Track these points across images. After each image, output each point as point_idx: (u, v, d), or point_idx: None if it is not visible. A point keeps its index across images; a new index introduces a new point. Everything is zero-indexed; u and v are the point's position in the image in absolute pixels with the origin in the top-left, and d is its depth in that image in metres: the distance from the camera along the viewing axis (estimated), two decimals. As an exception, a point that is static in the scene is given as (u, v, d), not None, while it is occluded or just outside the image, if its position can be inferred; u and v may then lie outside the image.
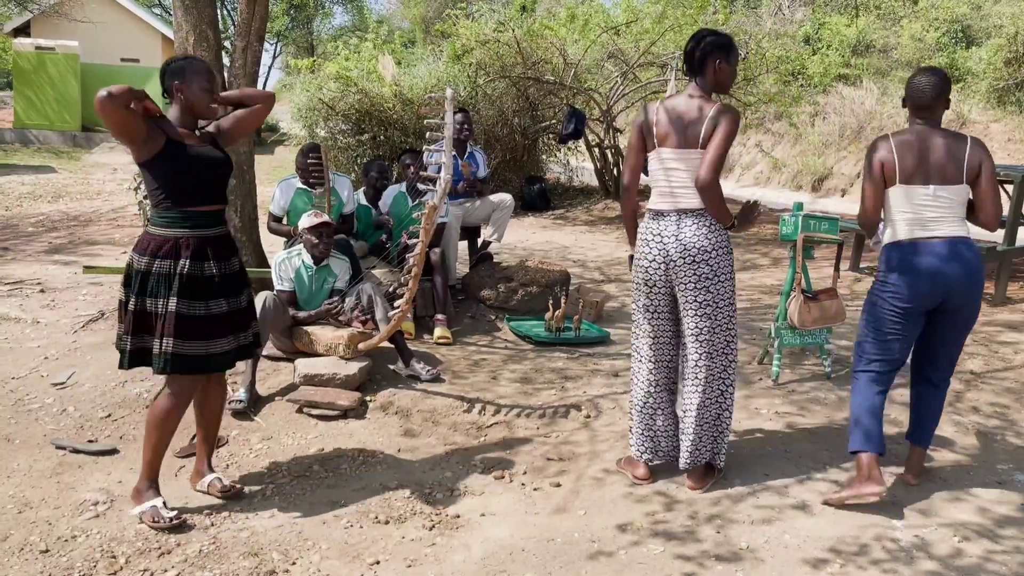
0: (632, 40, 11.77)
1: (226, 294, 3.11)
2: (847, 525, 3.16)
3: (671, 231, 3.29)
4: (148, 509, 3.04)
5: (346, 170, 10.43)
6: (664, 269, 3.33)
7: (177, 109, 3.07)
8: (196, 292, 3.00)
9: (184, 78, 3.04)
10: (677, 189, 3.30)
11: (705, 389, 3.35)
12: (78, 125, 18.31)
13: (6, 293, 5.78)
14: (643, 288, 3.42)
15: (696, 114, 3.26)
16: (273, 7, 26.55)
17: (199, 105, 3.06)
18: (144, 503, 3.06)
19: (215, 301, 3.06)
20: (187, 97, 3.04)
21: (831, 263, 5.56)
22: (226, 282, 3.11)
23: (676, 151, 3.26)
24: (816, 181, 16.72)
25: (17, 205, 10.21)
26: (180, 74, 3.04)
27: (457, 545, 3.00)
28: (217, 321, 3.07)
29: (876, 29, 19.99)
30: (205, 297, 3.03)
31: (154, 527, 2.99)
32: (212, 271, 3.05)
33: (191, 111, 3.07)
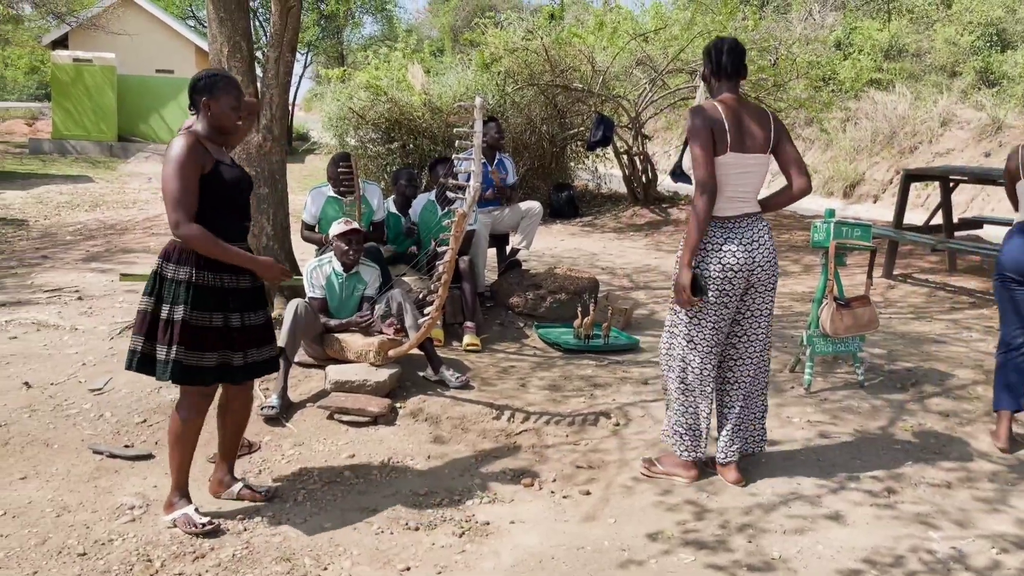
0: (661, 47, 11.75)
1: (241, 308, 3.09)
2: (881, 535, 3.12)
3: (755, 236, 3.35)
4: (180, 516, 3.07)
5: (376, 178, 10.51)
6: (747, 274, 3.34)
7: (204, 124, 3.08)
8: (209, 303, 3.00)
9: (213, 94, 3.05)
10: (750, 194, 3.38)
11: (754, 383, 3.54)
12: (114, 135, 18.66)
13: (45, 300, 5.90)
14: (722, 295, 3.34)
15: (760, 118, 3.36)
16: (304, 18, 26.86)
17: (226, 122, 3.08)
18: (176, 511, 3.09)
19: (231, 314, 3.05)
20: (215, 114, 3.06)
21: (864, 270, 5.50)
22: (243, 297, 3.10)
23: (754, 156, 3.33)
24: (848, 187, 16.54)
25: (56, 214, 10.42)
26: (210, 90, 3.06)
27: (487, 552, 3.01)
28: (228, 334, 3.05)
29: (909, 33, 19.76)
30: (219, 309, 3.02)
31: (188, 533, 3.03)
32: (230, 284, 3.05)
33: (218, 127, 3.09)
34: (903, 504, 3.36)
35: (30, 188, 12.66)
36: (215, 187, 2.99)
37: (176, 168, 2.90)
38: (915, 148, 16.15)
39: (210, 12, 5.26)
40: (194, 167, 2.93)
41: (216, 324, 3.02)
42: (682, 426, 3.50)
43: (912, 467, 3.69)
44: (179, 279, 2.97)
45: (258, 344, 3.17)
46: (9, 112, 27.29)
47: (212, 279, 3.00)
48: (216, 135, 3.10)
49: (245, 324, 3.11)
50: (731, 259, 3.29)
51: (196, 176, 2.93)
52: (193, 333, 2.97)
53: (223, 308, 3.03)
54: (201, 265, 2.98)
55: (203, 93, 3.06)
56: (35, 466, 3.54)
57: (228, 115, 3.07)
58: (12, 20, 20.99)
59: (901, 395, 4.58)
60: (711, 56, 3.37)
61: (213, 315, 3.01)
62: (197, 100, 3.08)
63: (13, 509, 3.17)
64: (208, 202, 2.98)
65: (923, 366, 5.00)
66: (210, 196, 2.98)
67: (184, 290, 2.96)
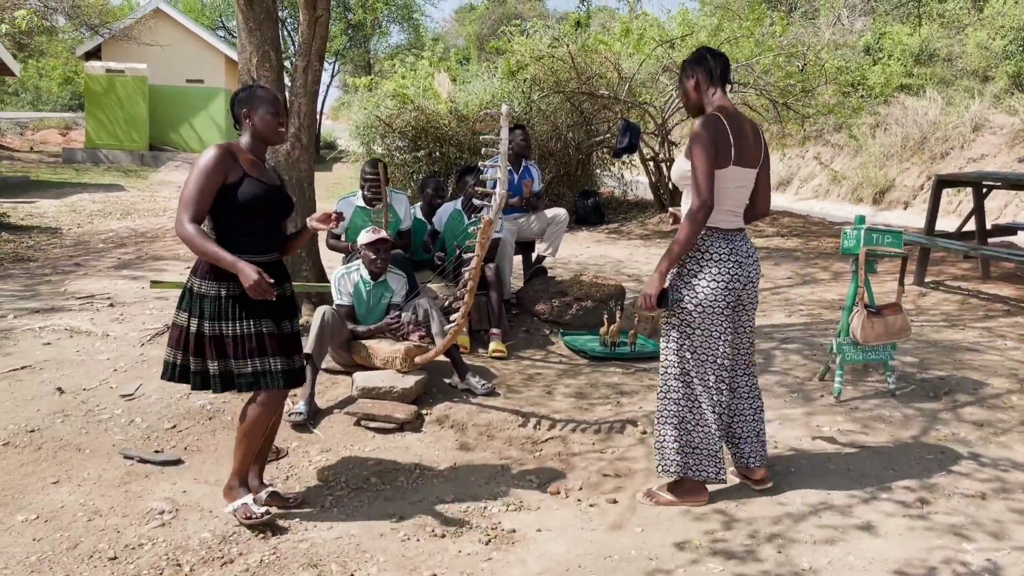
0: (687, 53, 11.70)
1: (275, 317, 3.15)
2: (914, 547, 3.06)
3: (749, 251, 3.33)
4: (240, 506, 3.15)
5: (402, 186, 10.57)
6: (742, 288, 3.32)
7: (248, 136, 3.16)
8: (249, 312, 3.06)
9: (251, 105, 3.13)
10: (742, 208, 3.35)
11: (759, 394, 3.57)
12: (145, 145, 18.95)
13: (78, 307, 5.99)
14: (728, 310, 3.29)
15: (755, 131, 3.32)
16: (332, 27, 27.12)
17: (267, 131, 3.15)
18: (236, 500, 3.18)
19: (264, 321, 3.10)
20: (255, 123, 3.13)
21: (895, 277, 5.43)
22: (275, 305, 3.14)
23: (751, 170, 3.29)
24: (877, 193, 16.36)
25: (88, 222, 10.59)
26: (248, 102, 3.14)
27: (513, 560, 3.00)
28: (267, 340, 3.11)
29: (940, 38, 19.53)
30: (257, 316, 3.08)
31: (246, 523, 3.10)
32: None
33: (260, 137, 3.16)
34: (936, 515, 3.31)
35: (64, 197, 12.88)
36: (235, 198, 3.03)
37: (198, 173, 2.99)
38: (946, 154, 15.94)
39: (239, 22, 5.33)
40: (216, 175, 3.00)
41: (259, 330, 3.09)
42: (700, 451, 3.36)
43: (945, 477, 3.63)
44: (223, 295, 3.04)
45: (289, 353, 3.22)
46: (44, 122, 27.78)
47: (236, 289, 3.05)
48: (259, 145, 3.17)
49: (281, 332, 3.17)
50: (737, 270, 3.26)
51: (216, 184, 3.00)
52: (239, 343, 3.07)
53: (261, 315, 3.09)
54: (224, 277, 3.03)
55: (243, 105, 3.14)
56: (67, 470, 3.59)
57: (268, 122, 3.13)
58: (47, 32, 21.41)
59: (934, 404, 4.51)
60: (705, 64, 3.27)
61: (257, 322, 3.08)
62: (239, 113, 3.16)
63: (46, 513, 3.21)
64: (227, 211, 3.05)
65: (956, 375, 4.92)
66: (229, 206, 3.04)
67: (233, 305, 3.04)
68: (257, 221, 3.11)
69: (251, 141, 3.16)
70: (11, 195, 12.66)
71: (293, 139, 5.37)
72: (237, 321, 3.05)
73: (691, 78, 3.30)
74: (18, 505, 3.26)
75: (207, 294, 3.04)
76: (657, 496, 3.42)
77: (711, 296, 3.26)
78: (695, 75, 3.29)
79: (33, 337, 5.22)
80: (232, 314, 3.05)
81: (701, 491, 3.41)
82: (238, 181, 3.04)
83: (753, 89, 11.46)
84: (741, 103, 11.96)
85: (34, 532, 3.07)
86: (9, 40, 18.47)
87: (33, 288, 6.63)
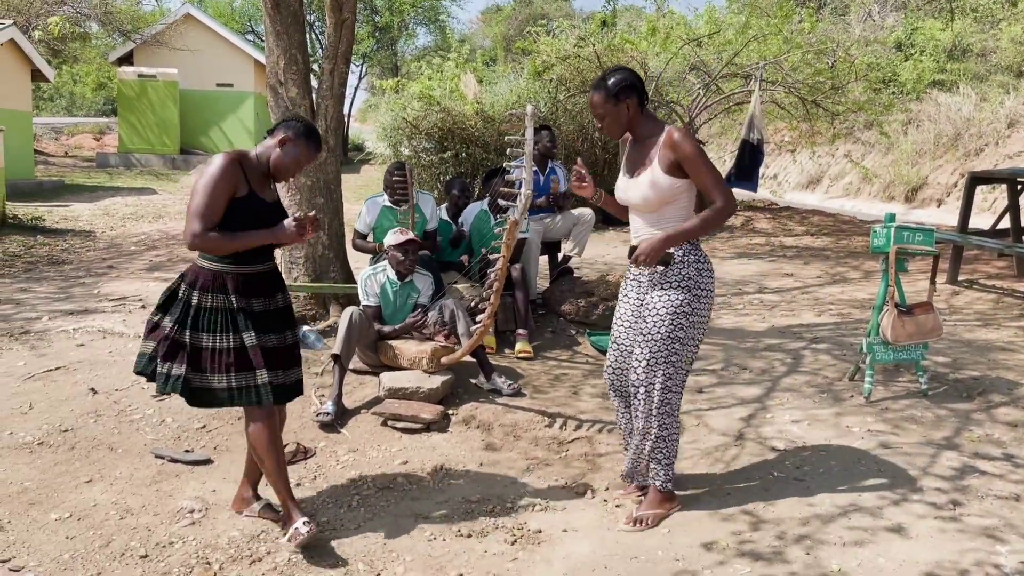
0: (715, 51, 11.64)
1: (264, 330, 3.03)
2: (946, 549, 3.02)
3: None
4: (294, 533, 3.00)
5: (429, 187, 10.61)
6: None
7: (269, 153, 3.04)
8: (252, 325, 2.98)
9: (296, 140, 3.02)
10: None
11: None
12: (177, 148, 19.20)
13: (111, 309, 6.08)
14: (708, 316, 3.23)
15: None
16: (358, 30, 27.30)
17: (285, 167, 3.04)
18: (289, 527, 3.04)
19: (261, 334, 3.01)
20: (284, 153, 3.02)
21: (926, 276, 5.35)
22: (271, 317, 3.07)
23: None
24: (909, 191, 16.15)
25: (121, 225, 10.75)
26: (295, 135, 3.03)
27: (539, 560, 3.00)
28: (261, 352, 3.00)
29: (973, 32, 19.22)
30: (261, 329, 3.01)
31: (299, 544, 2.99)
32: (258, 307, 3.03)
33: (277, 165, 3.03)
34: (969, 517, 3.25)
35: (97, 200, 13.09)
36: (241, 215, 2.94)
37: (208, 182, 2.87)
38: (980, 150, 15.69)
39: (267, 26, 5.39)
40: (226, 186, 2.89)
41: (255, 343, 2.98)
42: (672, 456, 3.27)
43: (978, 479, 3.57)
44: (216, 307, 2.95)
45: (285, 366, 3.11)
46: (78, 127, 28.25)
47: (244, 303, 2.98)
48: (268, 167, 3.05)
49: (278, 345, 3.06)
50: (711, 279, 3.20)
51: (226, 195, 2.90)
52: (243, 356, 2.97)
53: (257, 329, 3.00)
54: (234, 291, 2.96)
55: (290, 131, 3.03)
56: (100, 469, 3.65)
57: (293, 162, 3.04)
58: (80, 38, 21.77)
59: (967, 404, 4.44)
60: (632, 87, 3.14)
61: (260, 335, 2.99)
62: (282, 129, 3.05)
63: (79, 511, 3.27)
64: (227, 224, 2.92)
65: (990, 375, 4.84)
66: (230, 219, 2.92)
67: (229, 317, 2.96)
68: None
69: (266, 160, 3.04)
70: (46, 199, 12.89)
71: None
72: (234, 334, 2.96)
73: (624, 106, 3.15)
74: (52, 503, 3.32)
75: (204, 306, 2.95)
76: (646, 518, 3.23)
77: (703, 308, 3.17)
78: (628, 100, 3.15)
79: (67, 338, 5.31)
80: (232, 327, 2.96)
81: (674, 496, 3.33)
82: (245, 197, 2.95)
83: (782, 87, 11.35)
84: (770, 100, 11.87)
85: (67, 530, 3.12)
86: (44, 47, 18.82)
87: (67, 290, 6.74)
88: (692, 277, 3.14)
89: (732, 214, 3.16)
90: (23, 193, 13.00)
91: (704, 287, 3.16)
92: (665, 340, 3.14)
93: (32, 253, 8.41)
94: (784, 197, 16.89)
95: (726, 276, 8.19)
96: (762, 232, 11.06)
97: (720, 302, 7.04)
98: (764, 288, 7.63)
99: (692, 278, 3.14)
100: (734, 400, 4.58)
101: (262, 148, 3.08)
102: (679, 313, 3.12)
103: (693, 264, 3.15)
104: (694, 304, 3.14)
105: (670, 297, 3.13)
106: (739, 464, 3.77)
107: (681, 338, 3.15)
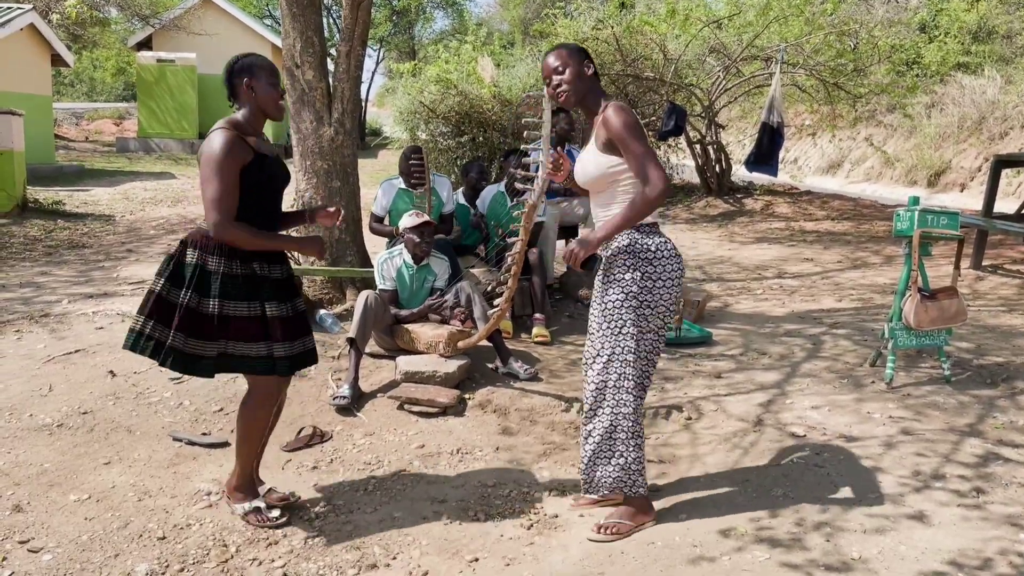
0: (735, 33, 11.49)
1: (278, 299, 2.97)
2: (969, 537, 2.97)
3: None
4: (251, 511, 3.06)
5: (446, 171, 10.58)
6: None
7: (247, 111, 2.94)
8: (249, 292, 2.90)
9: (253, 74, 2.91)
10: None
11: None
12: (195, 133, 19.28)
13: (130, 292, 6.11)
14: (669, 305, 3.02)
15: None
16: (376, 13, 27.25)
17: (269, 103, 2.93)
18: (245, 503, 3.07)
19: (270, 304, 2.94)
20: (258, 95, 2.91)
21: (950, 261, 5.28)
22: (277, 286, 2.99)
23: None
24: (932, 175, 15.93)
25: (140, 209, 10.81)
26: (249, 70, 2.91)
27: (555, 545, 2.98)
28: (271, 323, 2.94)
29: (999, 14, 18.87)
30: (260, 298, 2.92)
31: (259, 527, 3.02)
32: (265, 272, 2.95)
33: (262, 110, 2.94)
34: (992, 505, 3.20)
35: (117, 185, 13.17)
36: (252, 181, 2.88)
37: (216, 167, 2.79)
38: (1006, 134, 15.44)
39: (283, 8, 5.36)
40: (234, 164, 2.81)
41: (261, 313, 2.92)
42: (641, 461, 3.06)
43: (1003, 466, 3.52)
44: (211, 269, 2.86)
45: (294, 336, 3.03)
46: (98, 112, 28.45)
47: (248, 268, 2.90)
48: (258, 119, 2.96)
49: (283, 314, 2.99)
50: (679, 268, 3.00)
51: (236, 173, 2.82)
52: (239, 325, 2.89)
53: (266, 298, 2.93)
54: (238, 256, 2.88)
55: (243, 74, 2.92)
56: (118, 452, 3.66)
57: (270, 93, 2.92)
58: (100, 23, 21.85)
59: (991, 391, 4.37)
60: (589, 55, 3.02)
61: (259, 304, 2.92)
62: (237, 84, 2.93)
63: (97, 493, 3.28)
64: (243, 195, 2.86)
65: (1015, 361, 4.76)
66: (245, 189, 2.86)
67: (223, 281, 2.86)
68: (264, 199, 2.96)
69: (251, 115, 2.94)
70: (67, 183, 12.98)
71: (337, 124, 5.40)
72: (247, 302, 2.89)
73: (586, 65, 2.99)
74: (71, 485, 3.34)
75: (217, 271, 2.86)
76: (617, 526, 3.03)
77: (666, 297, 2.96)
78: (589, 61, 3.01)
79: (87, 321, 5.34)
80: (243, 294, 2.89)
81: (649, 506, 3.13)
82: (250, 164, 2.86)
83: (803, 69, 11.20)
84: (791, 83, 11.72)
85: (86, 511, 3.14)
86: (63, 32, 18.90)
87: (87, 274, 6.78)
88: (643, 267, 2.92)
89: (663, 197, 2.85)
90: (44, 178, 13.10)
91: (661, 276, 2.93)
92: (616, 335, 2.95)
93: (52, 237, 8.47)
94: (804, 181, 16.70)
95: (745, 261, 8.12)
96: (782, 217, 10.95)
97: (739, 287, 6.98)
98: (784, 273, 7.55)
99: (642, 268, 2.92)
100: (753, 385, 4.54)
101: (242, 111, 2.95)
102: (628, 307, 2.92)
103: (643, 254, 2.93)
104: (645, 296, 2.92)
105: (621, 289, 2.93)
106: (758, 450, 3.73)
107: (633, 333, 2.93)
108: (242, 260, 2.90)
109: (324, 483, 3.43)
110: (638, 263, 2.93)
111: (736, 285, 7.03)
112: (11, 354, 4.72)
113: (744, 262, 7.93)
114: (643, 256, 2.94)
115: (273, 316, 2.95)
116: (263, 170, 2.92)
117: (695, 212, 10.98)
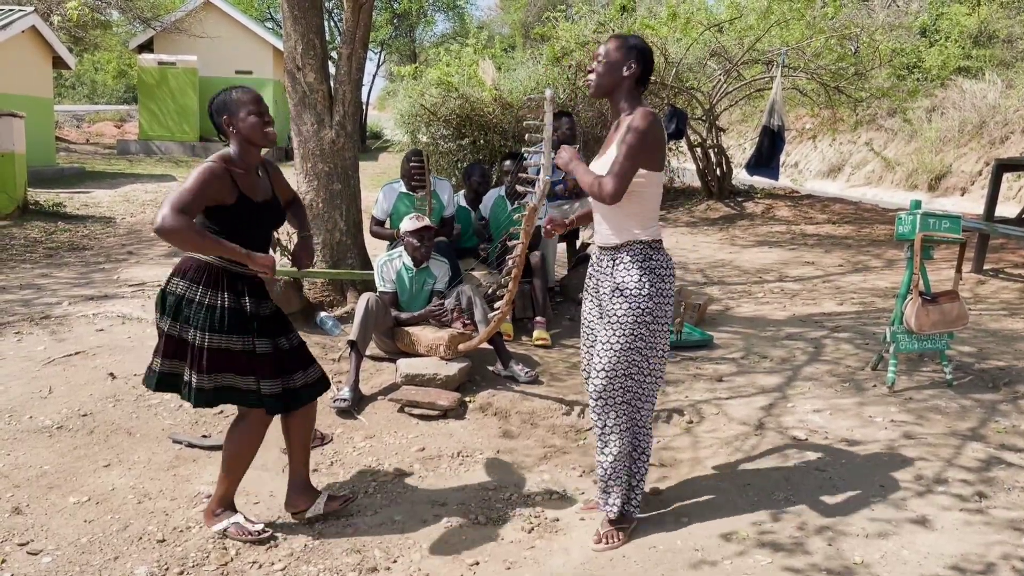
0: (736, 37, 11.50)
1: (269, 334, 2.93)
2: (971, 542, 2.96)
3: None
4: (231, 526, 3.00)
5: (447, 174, 10.58)
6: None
7: (235, 145, 2.90)
8: (235, 326, 2.85)
9: (231, 110, 2.88)
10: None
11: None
12: (196, 136, 19.29)
13: (130, 295, 6.10)
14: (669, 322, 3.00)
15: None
16: (377, 16, 27.28)
17: (254, 134, 2.88)
18: (223, 521, 3.01)
19: (260, 339, 2.90)
20: (240, 129, 2.87)
21: (951, 265, 5.27)
22: (264, 322, 2.95)
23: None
24: (933, 179, 15.93)
25: (141, 211, 10.80)
26: (225, 108, 2.89)
27: (556, 549, 2.97)
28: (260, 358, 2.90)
29: (999, 18, 18.90)
30: (247, 332, 2.87)
31: (240, 539, 2.97)
32: (249, 308, 2.90)
33: (249, 142, 2.90)
34: (995, 509, 3.19)
35: (117, 187, 13.17)
36: (230, 219, 2.83)
37: (191, 184, 2.73)
38: (1006, 138, 15.44)
39: (284, 11, 5.36)
40: (209, 193, 2.76)
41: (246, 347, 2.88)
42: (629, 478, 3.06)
43: (1005, 471, 3.50)
44: (202, 301, 2.83)
45: (290, 371, 2.99)
46: (99, 115, 28.47)
47: (235, 302, 2.87)
48: (248, 152, 2.92)
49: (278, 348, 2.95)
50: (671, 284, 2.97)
51: (207, 201, 2.76)
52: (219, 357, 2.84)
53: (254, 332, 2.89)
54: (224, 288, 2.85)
55: (222, 112, 2.89)
56: (118, 454, 3.65)
57: (254, 125, 2.88)
58: (101, 26, 21.88)
59: (992, 395, 4.36)
60: (645, 58, 2.92)
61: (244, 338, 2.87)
62: (220, 122, 2.90)
63: (97, 495, 3.27)
64: (219, 228, 2.83)
65: (1016, 365, 4.75)
66: (222, 224, 2.83)
67: (211, 314, 2.82)
68: (248, 237, 2.89)
69: (240, 149, 2.90)
70: (67, 185, 12.98)
71: (338, 127, 5.39)
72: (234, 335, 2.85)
73: (629, 64, 2.91)
74: (71, 487, 3.33)
75: (201, 302, 2.83)
76: (613, 537, 3.00)
77: (669, 312, 2.94)
78: (632, 67, 2.91)
79: (87, 323, 5.33)
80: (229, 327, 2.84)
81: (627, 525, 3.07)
82: (234, 204, 2.82)
83: (804, 73, 11.21)
84: (791, 87, 11.73)
85: (85, 514, 3.13)
86: (65, 34, 18.92)
87: (87, 276, 6.78)
88: (657, 284, 2.89)
89: (606, 201, 2.83)
90: (44, 179, 13.10)
91: (664, 292, 2.92)
92: (625, 351, 2.89)
93: (53, 239, 8.47)
94: (805, 185, 16.71)
95: (746, 264, 8.12)
96: (783, 220, 10.94)
97: (740, 290, 6.97)
98: (785, 277, 7.55)
99: (657, 285, 2.89)
100: (754, 389, 4.53)
101: (231, 146, 2.92)
102: (640, 322, 2.88)
103: (658, 270, 2.91)
104: (657, 312, 2.89)
105: (631, 304, 2.87)
106: (759, 453, 3.72)
107: (641, 348, 2.90)
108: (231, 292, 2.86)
109: (324, 486, 3.42)
110: (653, 279, 2.90)
111: (737, 289, 7.02)
112: (11, 356, 4.71)
113: (745, 265, 7.92)
114: (657, 272, 2.92)
115: (262, 352, 2.90)
116: (246, 213, 2.86)
117: (696, 215, 10.98)
